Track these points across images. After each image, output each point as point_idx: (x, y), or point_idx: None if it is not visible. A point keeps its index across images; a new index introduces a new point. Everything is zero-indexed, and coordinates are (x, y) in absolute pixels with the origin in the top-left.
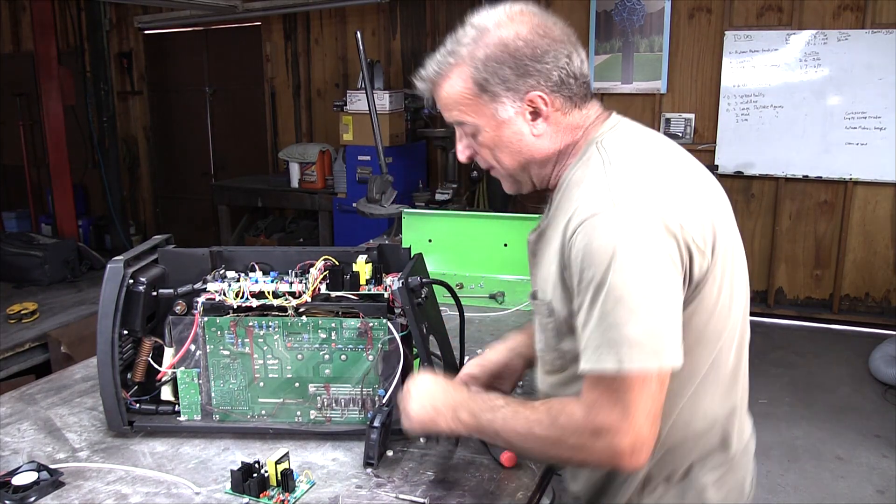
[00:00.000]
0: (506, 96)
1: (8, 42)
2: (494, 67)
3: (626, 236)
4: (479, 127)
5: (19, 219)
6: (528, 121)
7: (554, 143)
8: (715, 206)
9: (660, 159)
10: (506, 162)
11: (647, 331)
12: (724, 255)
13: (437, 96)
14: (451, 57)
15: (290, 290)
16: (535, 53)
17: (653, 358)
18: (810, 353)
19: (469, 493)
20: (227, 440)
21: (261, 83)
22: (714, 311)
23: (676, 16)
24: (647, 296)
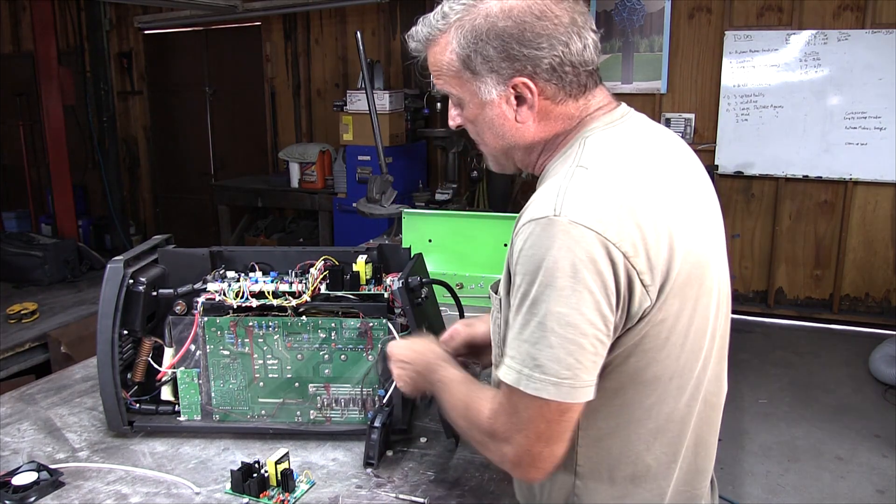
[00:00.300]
0: (488, 76)
1: (8, 42)
2: (478, 44)
3: (558, 253)
4: (464, 101)
5: (19, 219)
6: (513, 105)
7: (540, 131)
8: (690, 240)
9: (637, 175)
10: (488, 141)
11: (554, 358)
12: (684, 299)
13: (428, 60)
14: (442, 22)
15: (290, 290)
16: (524, 37)
17: (550, 388)
18: (810, 353)
19: (469, 493)
20: (227, 440)
21: (261, 83)
22: (658, 355)
23: (676, 16)
24: (564, 323)
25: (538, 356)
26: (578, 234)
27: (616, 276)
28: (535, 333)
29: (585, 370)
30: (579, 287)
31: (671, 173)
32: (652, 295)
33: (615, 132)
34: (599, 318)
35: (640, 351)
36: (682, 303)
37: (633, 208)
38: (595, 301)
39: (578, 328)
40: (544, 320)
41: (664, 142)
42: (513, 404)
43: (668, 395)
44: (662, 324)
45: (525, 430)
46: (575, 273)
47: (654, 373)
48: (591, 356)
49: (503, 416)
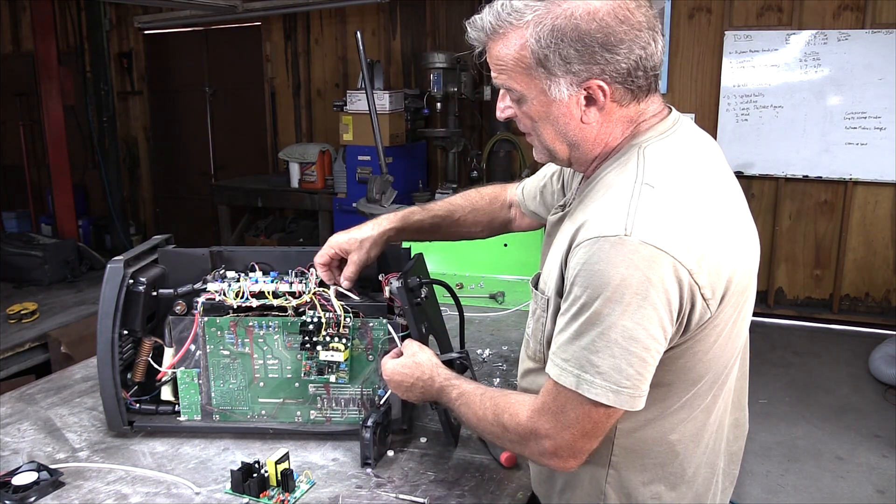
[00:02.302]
0: (563, 77)
1: (8, 42)
2: (559, 44)
3: (627, 271)
4: (527, 97)
5: (19, 219)
6: (581, 106)
7: (602, 133)
8: (742, 250)
9: (698, 190)
10: (546, 137)
11: (616, 368)
12: (734, 306)
13: (489, 51)
14: (515, 16)
15: (290, 290)
16: (608, 41)
17: (610, 395)
18: (810, 353)
19: (469, 493)
20: (227, 440)
21: (261, 83)
22: (705, 357)
23: (676, 16)
24: (628, 336)
25: (600, 364)
26: (649, 254)
27: (681, 293)
28: (596, 343)
29: (644, 381)
30: (646, 305)
31: (724, 185)
32: (712, 308)
33: (671, 144)
34: (661, 334)
35: (689, 353)
36: (733, 311)
37: (699, 227)
38: (659, 318)
39: (642, 342)
40: (607, 331)
41: (711, 151)
42: (560, 404)
43: (703, 390)
44: (714, 330)
45: (571, 428)
46: (641, 291)
47: (698, 373)
48: (651, 366)
49: (547, 416)
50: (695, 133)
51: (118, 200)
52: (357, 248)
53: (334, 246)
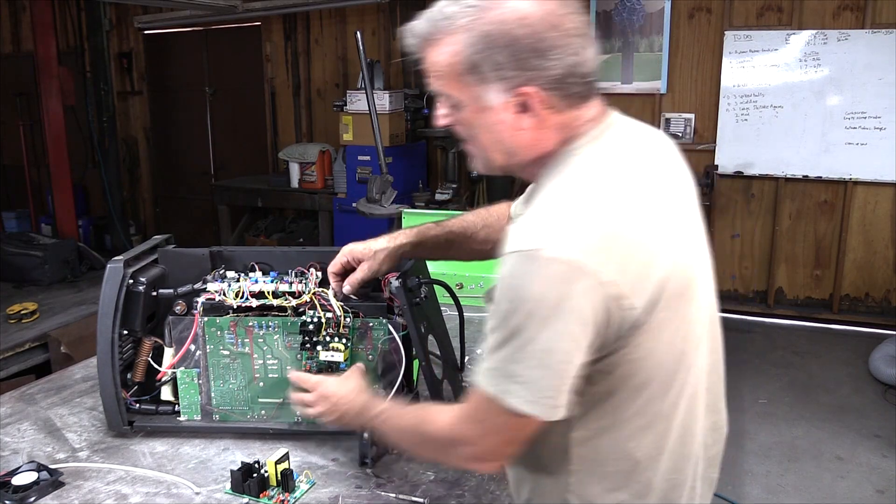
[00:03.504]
0: (496, 83)
1: (8, 42)
2: (491, 49)
3: (542, 286)
4: (462, 104)
5: (19, 219)
6: (515, 113)
7: (536, 140)
8: (678, 251)
9: (624, 195)
10: (482, 144)
11: (534, 380)
12: (672, 310)
13: (425, 58)
14: (447, 22)
15: (290, 290)
16: (538, 47)
17: (530, 405)
18: (810, 353)
19: (469, 493)
20: (227, 440)
21: (261, 83)
22: (645, 363)
23: (676, 16)
24: (545, 350)
25: (519, 375)
26: (561, 268)
27: (599, 305)
28: (516, 355)
29: (562, 393)
30: (562, 318)
31: (656, 185)
32: (636, 316)
33: (600, 148)
34: (581, 344)
35: (626, 361)
36: (669, 315)
37: (616, 234)
38: (577, 330)
39: (559, 356)
40: (525, 345)
41: (650, 149)
42: (483, 411)
43: (654, 396)
44: (648, 337)
45: (495, 434)
46: (558, 305)
47: (641, 379)
48: (569, 380)
49: (469, 422)
50: (632, 133)
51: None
52: (370, 258)
53: (348, 254)
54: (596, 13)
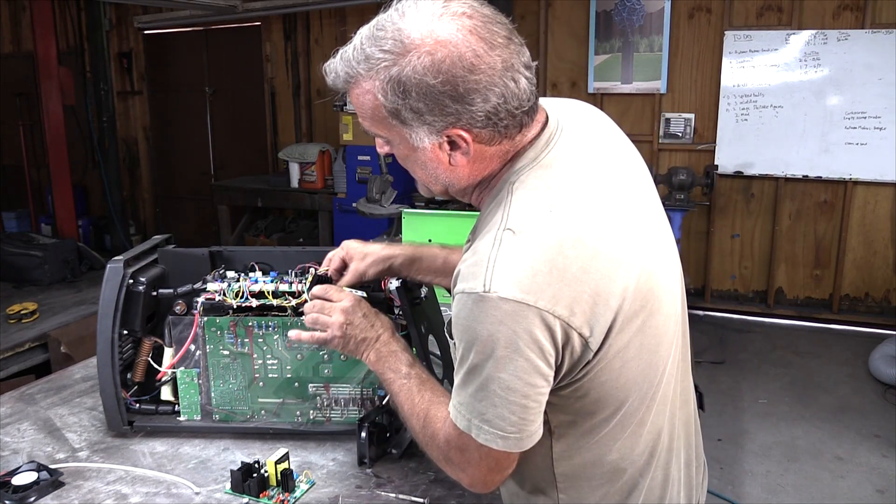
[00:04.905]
0: (420, 128)
1: (8, 42)
2: (407, 99)
3: (493, 328)
4: (392, 142)
5: (19, 219)
6: (446, 151)
7: (474, 170)
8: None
9: (568, 226)
10: (419, 178)
11: (499, 416)
12: (636, 327)
13: (349, 96)
14: (363, 66)
15: (290, 290)
16: (456, 92)
17: (499, 440)
18: (810, 353)
19: (469, 494)
20: (227, 440)
21: (261, 83)
22: (618, 383)
23: (676, 16)
24: (505, 387)
25: (484, 412)
26: (510, 308)
27: (553, 339)
28: (479, 393)
29: (530, 423)
30: (517, 357)
31: (605, 195)
32: (594, 344)
33: (541, 172)
34: (540, 378)
35: (597, 385)
36: (631, 335)
37: (563, 268)
38: (534, 366)
39: (519, 391)
40: (486, 384)
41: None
42: (463, 443)
43: (632, 409)
44: (614, 360)
45: (477, 464)
46: (510, 344)
47: (615, 397)
48: (535, 409)
49: (456, 450)
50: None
51: (118, 200)
52: (359, 259)
53: (344, 248)
54: (596, 13)
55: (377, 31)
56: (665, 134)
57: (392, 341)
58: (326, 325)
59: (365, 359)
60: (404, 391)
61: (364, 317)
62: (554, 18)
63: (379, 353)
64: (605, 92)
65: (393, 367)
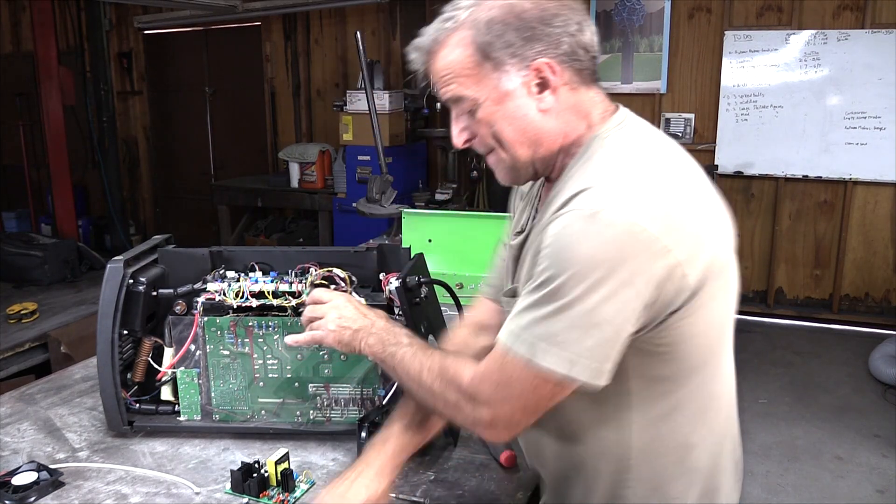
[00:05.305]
0: (511, 63)
1: (8, 42)
2: (499, 31)
3: (599, 247)
4: (479, 101)
5: (19, 219)
6: (535, 94)
7: (561, 122)
8: (719, 230)
9: (670, 170)
10: (507, 140)
11: (576, 339)
12: (719, 285)
13: (432, 69)
14: (450, 22)
15: (290, 290)
16: (543, 16)
17: (565, 364)
18: (810, 353)
19: (469, 493)
20: (227, 440)
21: (261, 83)
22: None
23: (676, 16)
24: (588, 309)
25: (558, 333)
26: (621, 231)
27: (656, 271)
28: (558, 313)
29: (606, 359)
30: (613, 281)
31: (692, 171)
32: (692, 284)
33: (629, 133)
34: (630, 312)
35: (684, 335)
36: (715, 291)
37: (674, 204)
38: (627, 296)
39: (604, 318)
40: (571, 304)
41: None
42: (507, 374)
43: (708, 374)
44: (702, 308)
45: (513, 400)
46: (612, 268)
47: (698, 355)
48: (613, 344)
49: (489, 384)
50: (648, 126)
51: (118, 200)
52: None
53: None
54: (596, 13)
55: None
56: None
57: (388, 323)
58: (320, 325)
59: (364, 346)
60: (408, 355)
61: (355, 309)
62: None
63: (376, 335)
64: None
65: (393, 342)
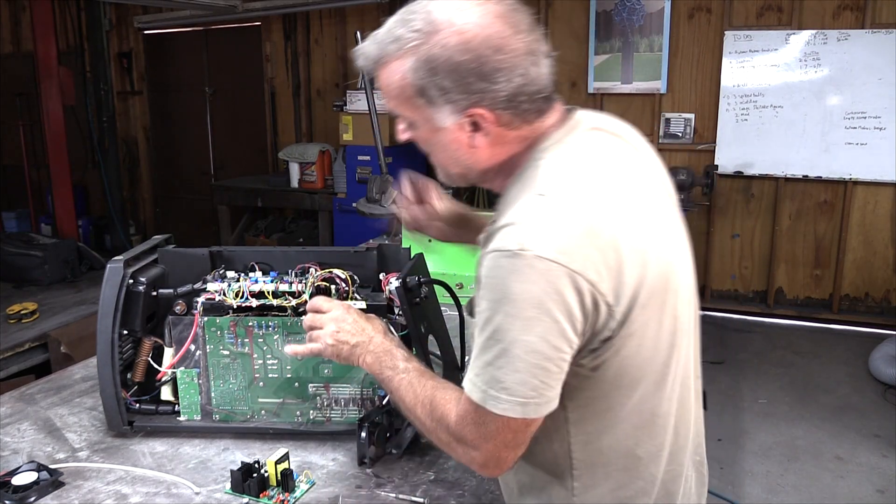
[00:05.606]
0: (444, 106)
1: (8, 42)
2: (435, 76)
3: (524, 286)
4: (416, 124)
5: (19, 219)
6: (468, 132)
7: (495, 155)
8: (654, 247)
9: (597, 193)
10: (440, 161)
11: (520, 382)
12: (655, 304)
13: (377, 78)
14: (394, 46)
15: (290, 290)
16: (482, 70)
17: (517, 408)
18: (810, 353)
19: (469, 493)
20: (227, 440)
21: (261, 83)
22: (634, 360)
23: (676, 16)
24: (530, 350)
25: (504, 379)
26: (544, 267)
27: (582, 303)
28: (500, 358)
29: (550, 388)
30: (545, 317)
31: (629, 183)
32: (618, 315)
33: (567, 149)
34: (565, 343)
35: (616, 360)
36: (652, 311)
37: (595, 232)
38: (560, 329)
39: (543, 354)
40: (510, 347)
41: (619, 147)
42: (479, 416)
43: (647, 392)
44: (634, 334)
45: (493, 439)
46: (540, 304)
47: (632, 376)
48: (556, 375)
49: (470, 426)
50: (598, 133)
51: (118, 200)
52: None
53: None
54: (596, 13)
55: (407, 15)
56: (665, 134)
57: (385, 341)
58: (318, 337)
59: (361, 363)
60: (404, 384)
61: (355, 322)
62: (554, 18)
63: (374, 354)
64: (605, 92)
65: (390, 365)
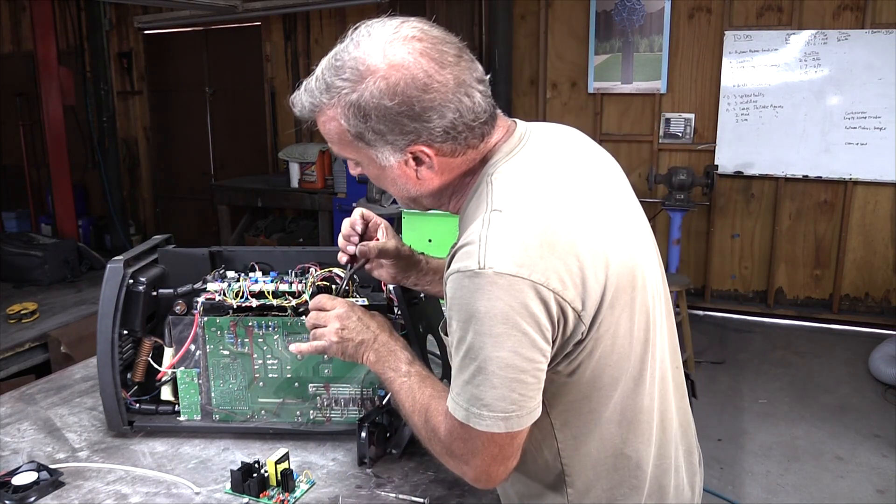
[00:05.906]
0: (384, 147)
1: (8, 42)
2: (368, 121)
3: (490, 303)
4: (362, 163)
5: (19, 219)
6: (413, 167)
7: (445, 181)
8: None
9: (551, 202)
10: (394, 193)
11: (499, 397)
12: (623, 303)
13: (317, 124)
14: (326, 95)
15: (290, 290)
16: (413, 111)
17: (500, 423)
18: (810, 353)
19: (469, 493)
20: (227, 440)
21: (261, 83)
22: (609, 359)
23: (676, 16)
24: (504, 365)
25: (483, 396)
26: (506, 283)
27: (549, 312)
28: (476, 377)
29: (530, 399)
30: (514, 332)
31: (582, 186)
32: (586, 318)
33: (517, 163)
34: (537, 353)
35: (591, 362)
36: (621, 309)
37: (552, 241)
38: (531, 340)
39: (518, 367)
40: (484, 364)
41: (568, 151)
42: (465, 433)
43: (627, 389)
44: (606, 334)
45: (480, 455)
46: (507, 319)
47: (610, 375)
48: (534, 385)
49: (458, 441)
50: (547, 140)
51: (118, 200)
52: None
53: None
54: (596, 13)
55: (336, 62)
56: (665, 134)
57: (391, 341)
58: (322, 334)
59: (365, 361)
60: (405, 389)
61: (359, 320)
62: (554, 18)
63: (378, 353)
64: (605, 92)
65: (393, 367)
